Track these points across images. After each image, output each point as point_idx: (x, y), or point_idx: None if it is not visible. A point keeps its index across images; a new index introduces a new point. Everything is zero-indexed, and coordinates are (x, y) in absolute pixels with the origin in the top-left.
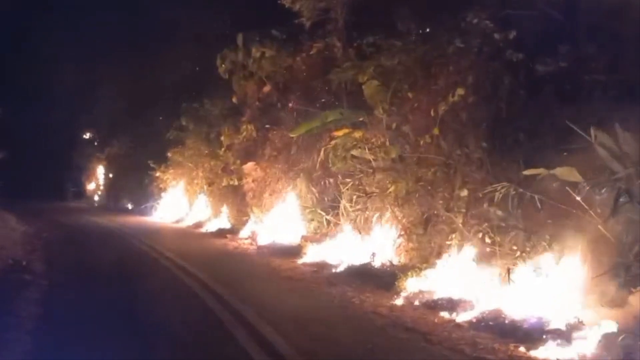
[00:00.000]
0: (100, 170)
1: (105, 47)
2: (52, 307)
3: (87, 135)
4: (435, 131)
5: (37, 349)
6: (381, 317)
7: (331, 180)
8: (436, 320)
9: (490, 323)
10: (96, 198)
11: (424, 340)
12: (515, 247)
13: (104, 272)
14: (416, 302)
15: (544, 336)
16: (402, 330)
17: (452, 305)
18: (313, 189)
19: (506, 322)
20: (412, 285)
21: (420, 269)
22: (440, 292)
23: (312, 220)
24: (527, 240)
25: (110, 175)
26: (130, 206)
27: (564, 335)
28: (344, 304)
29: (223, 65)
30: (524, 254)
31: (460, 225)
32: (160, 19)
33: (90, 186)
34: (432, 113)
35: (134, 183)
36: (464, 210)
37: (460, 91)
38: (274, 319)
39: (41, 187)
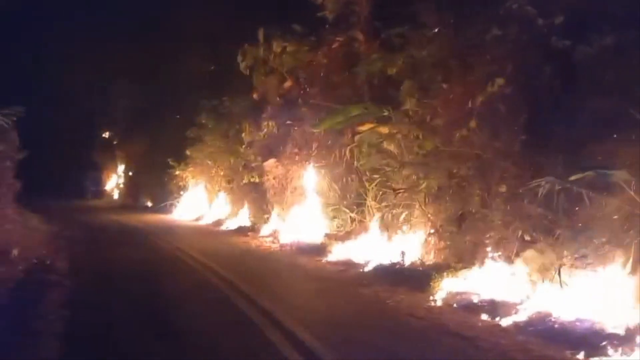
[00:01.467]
0: (119, 169)
1: (123, 46)
2: (79, 309)
3: (106, 135)
4: (472, 124)
5: (67, 354)
6: (420, 320)
7: (353, 176)
8: (480, 324)
9: (539, 327)
10: (115, 196)
11: (473, 347)
12: (560, 246)
13: (129, 271)
14: (454, 304)
15: (602, 342)
16: (446, 335)
17: (493, 307)
18: (335, 186)
19: (556, 326)
20: (447, 286)
21: (456, 269)
22: (479, 294)
23: (335, 218)
24: (574, 238)
25: (130, 174)
26: (149, 204)
27: (625, 342)
28: (378, 306)
29: (244, 62)
30: (570, 253)
31: (499, 222)
32: (177, 17)
33: (109, 185)
34: (469, 104)
35: (153, 181)
36: (503, 207)
37: (499, 81)
38: (308, 322)
39: (60, 186)
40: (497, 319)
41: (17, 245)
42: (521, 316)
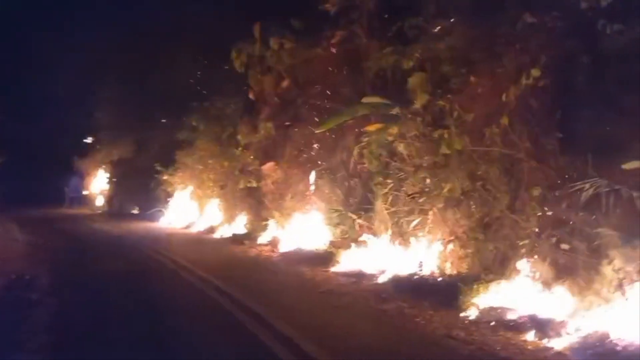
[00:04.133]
0: (103, 175)
1: (106, 49)
2: (64, 334)
3: (89, 140)
4: (504, 120)
5: None
6: (462, 344)
7: (357, 180)
8: (530, 347)
9: (599, 350)
10: (100, 204)
11: None
12: (605, 256)
13: (120, 288)
14: (492, 322)
15: None
16: None
17: (538, 326)
18: (338, 191)
19: (618, 348)
20: (478, 300)
21: (487, 281)
22: (515, 309)
23: (339, 224)
24: (623, 246)
25: (114, 180)
26: (136, 211)
27: None
28: (408, 325)
29: (238, 59)
30: (623, 263)
31: (535, 229)
32: (164, 14)
33: (93, 191)
34: (503, 98)
35: (139, 187)
36: (539, 213)
37: (535, 72)
38: (335, 348)
39: (42, 194)
40: (546, 340)
41: None
42: (573, 337)
